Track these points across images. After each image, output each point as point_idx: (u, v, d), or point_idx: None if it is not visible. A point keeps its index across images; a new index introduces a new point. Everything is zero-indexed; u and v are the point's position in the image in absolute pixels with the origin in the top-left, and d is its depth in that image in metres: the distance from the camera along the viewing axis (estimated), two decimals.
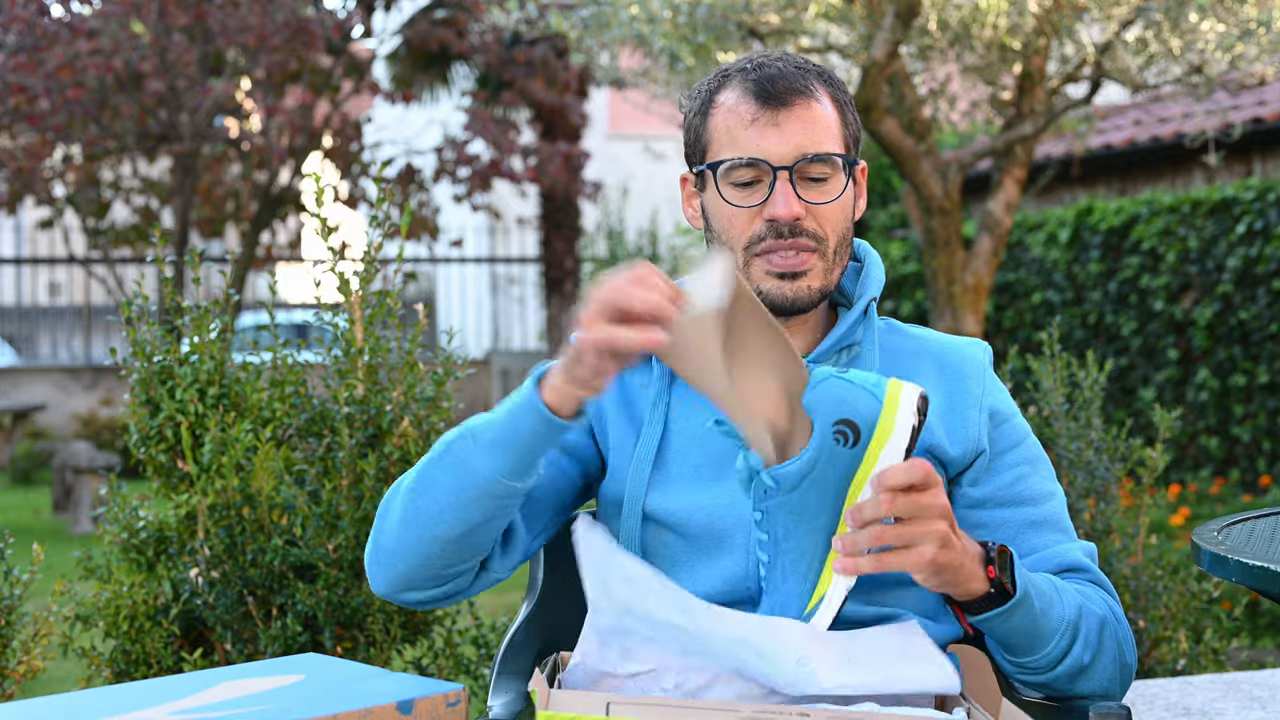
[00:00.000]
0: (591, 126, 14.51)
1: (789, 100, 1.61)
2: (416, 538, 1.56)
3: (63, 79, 8.96)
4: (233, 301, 2.83)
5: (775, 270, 1.63)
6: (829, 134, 1.63)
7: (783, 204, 1.60)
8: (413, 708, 1.31)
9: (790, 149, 1.61)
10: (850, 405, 1.41)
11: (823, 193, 1.63)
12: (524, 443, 1.49)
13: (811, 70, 1.65)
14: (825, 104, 1.64)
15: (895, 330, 1.74)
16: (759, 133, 1.61)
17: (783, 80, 1.62)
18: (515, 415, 1.49)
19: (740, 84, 1.64)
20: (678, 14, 5.37)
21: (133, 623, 2.67)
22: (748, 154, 1.61)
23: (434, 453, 1.56)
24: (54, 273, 22.07)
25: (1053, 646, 1.55)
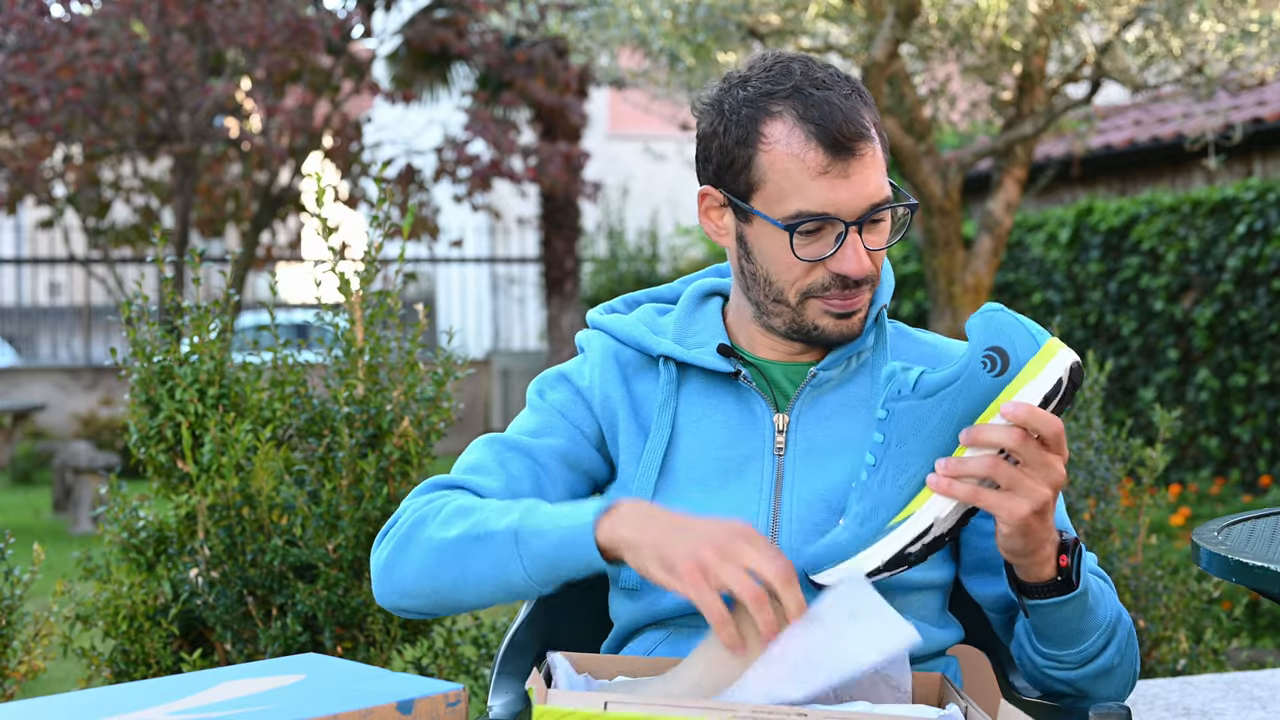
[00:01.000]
0: (591, 126, 14.51)
1: (856, 148, 1.55)
2: (433, 590, 1.56)
3: (63, 79, 8.96)
4: (233, 301, 2.83)
5: (834, 311, 1.61)
6: (884, 172, 1.60)
7: (854, 261, 1.57)
8: (413, 708, 1.31)
9: (861, 201, 1.56)
10: (1007, 336, 1.42)
11: (880, 236, 1.61)
12: (563, 568, 1.49)
13: (855, 92, 1.59)
14: (876, 138, 1.59)
15: (905, 335, 1.75)
16: (829, 185, 1.55)
17: (849, 124, 1.55)
18: (567, 541, 1.47)
19: (800, 124, 1.56)
20: (678, 14, 5.37)
21: (132, 623, 2.67)
22: (818, 208, 1.56)
23: (474, 530, 1.53)
24: (54, 273, 22.07)
25: (1090, 644, 1.55)
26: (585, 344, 1.75)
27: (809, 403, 1.65)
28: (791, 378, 1.68)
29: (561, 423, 1.69)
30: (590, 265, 14.92)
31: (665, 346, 1.69)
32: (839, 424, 1.64)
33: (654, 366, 1.71)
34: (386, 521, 1.66)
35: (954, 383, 1.43)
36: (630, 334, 1.72)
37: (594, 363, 1.72)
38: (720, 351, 1.67)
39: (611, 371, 1.71)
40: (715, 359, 1.67)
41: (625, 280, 14.36)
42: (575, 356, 1.77)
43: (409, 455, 2.74)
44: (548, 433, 1.69)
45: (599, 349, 1.73)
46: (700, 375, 1.69)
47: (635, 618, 1.67)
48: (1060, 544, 1.50)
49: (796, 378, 1.68)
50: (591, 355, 1.73)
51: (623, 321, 1.74)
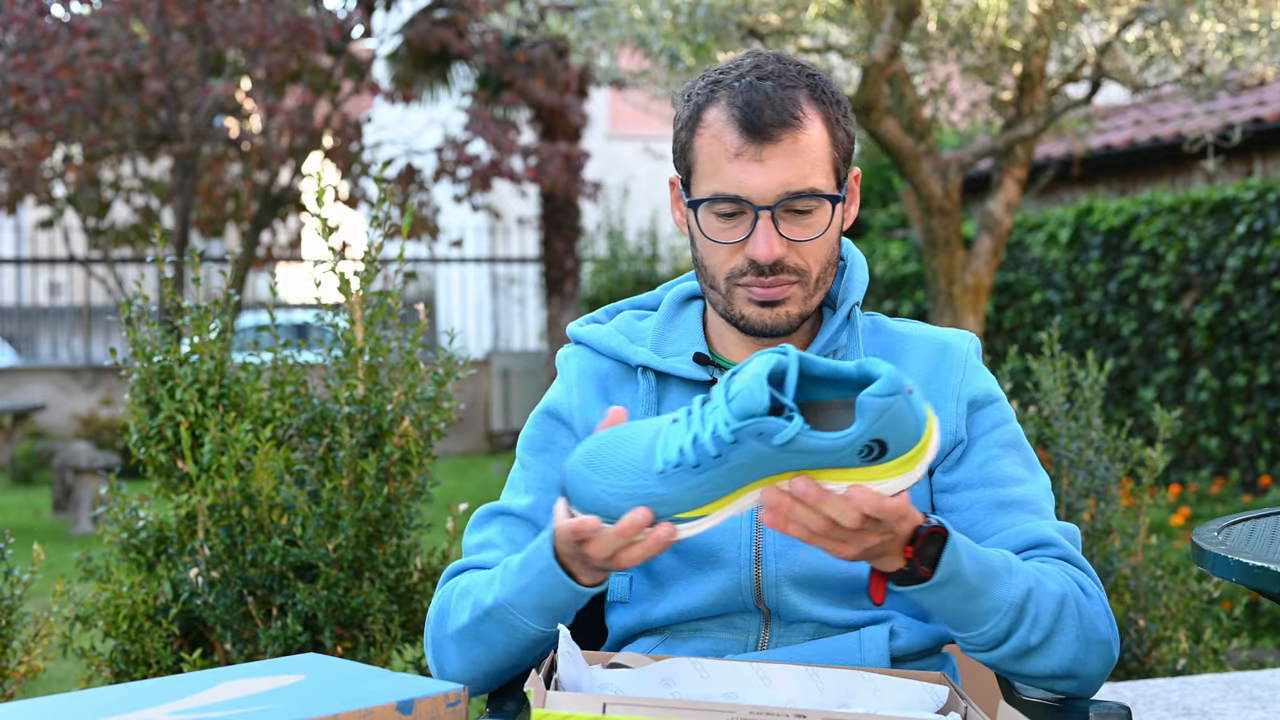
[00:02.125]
0: (591, 127, 14.51)
1: (775, 135, 1.56)
2: (483, 671, 1.61)
3: (62, 79, 8.96)
4: (233, 301, 2.83)
5: (755, 299, 1.62)
6: (816, 165, 1.58)
7: (764, 246, 1.58)
8: (413, 708, 1.31)
9: (774, 187, 1.57)
10: (895, 430, 1.33)
11: (807, 228, 1.60)
12: (565, 607, 1.53)
13: (803, 86, 1.60)
14: (814, 129, 1.58)
15: (881, 329, 1.73)
16: (743, 169, 1.57)
17: (770, 109, 1.56)
18: (551, 591, 1.51)
19: (728, 107, 1.59)
20: (678, 14, 5.37)
21: (132, 623, 2.67)
22: (730, 190, 1.58)
23: (475, 609, 1.58)
24: (54, 273, 22.07)
25: (991, 626, 1.49)
26: (562, 366, 1.76)
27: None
28: None
29: (550, 471, 1.70)
30: (590, 265, 14.92)
31: (643, 356, 1.69)
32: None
33: (634, 376, 1.71)
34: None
35: (824, 454, 1.33)
36: (608, 345, 1.72)
37: (570, 385, 1.73)
38: (697, 359, 1.67)
39: (590, 391, 1.71)
40: (691, 367, 1.67)
41: (625, 280, 14.36)
42: (556, 379, 1.78)
43: (409, 455, 2.74)
44: (540, 489, 1.70)
45: (575, 371, 1.73)
46: (680, 383, 1.69)
47: (628, 625, 1.68)
48: (914, 531, 1.43)
49: None
50: (568, 378, 1.74)
51: (601, 333, 1.74)
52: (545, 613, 1.53)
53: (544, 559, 1.49)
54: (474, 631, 1.58)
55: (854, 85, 6.17)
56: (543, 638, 1.55)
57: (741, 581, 1.61)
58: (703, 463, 1.34)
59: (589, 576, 1.49)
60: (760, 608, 1.62)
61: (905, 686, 1.50)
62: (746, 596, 1.61)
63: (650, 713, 1.35)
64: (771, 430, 1.31)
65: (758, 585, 1.61)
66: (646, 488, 1.36)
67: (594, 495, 1.38)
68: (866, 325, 1.72)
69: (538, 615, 1.53)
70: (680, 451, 1.35)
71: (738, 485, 1.36)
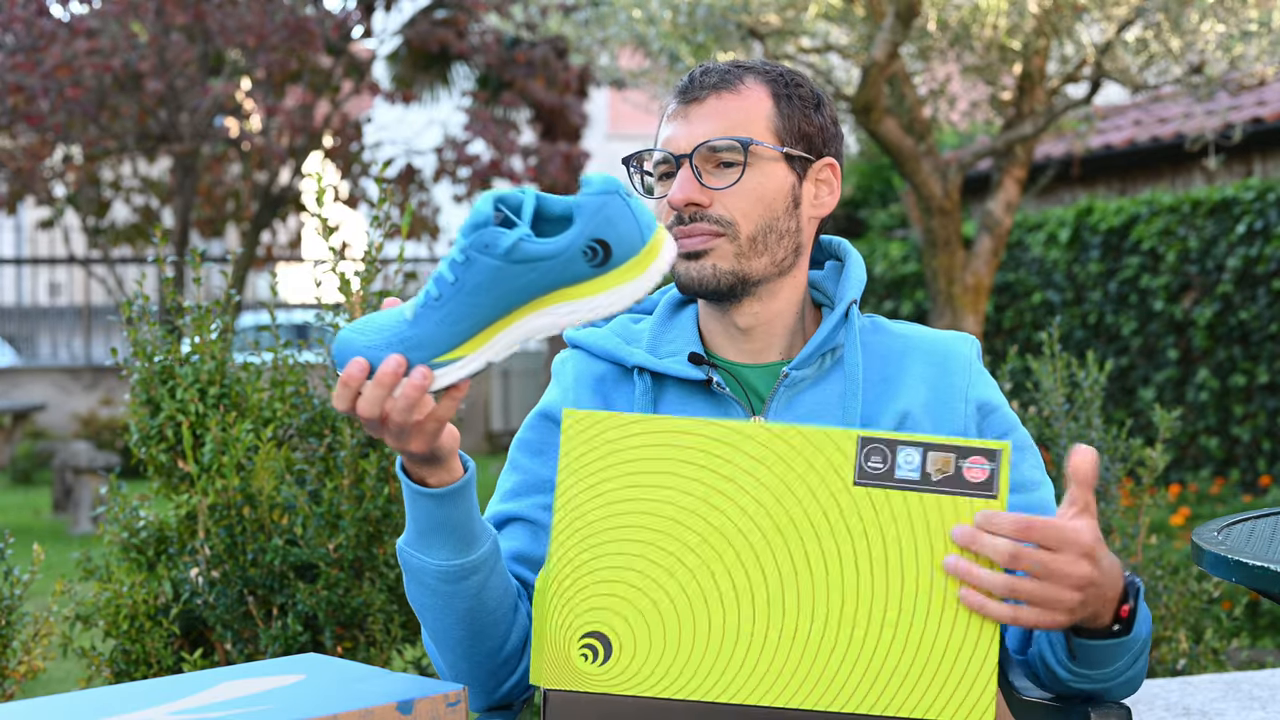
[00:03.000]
0: (591, 126, 14.51)
1: (703, 94, 1.65)
2: (455, 657, 1.57)
3: (61, 79, 8.96)
4: (233, 301, 2.83)
5: (681, 251, 1.65)
6: (746, 123, 1.64)
7: (677, 190, 1.63)
8: (413, 708, 1.31)
9: (694, 137, 1.63)
10: (615, 229, 1.34)
11: (725, 178, 1.63)
12: (433, 523, 1.48)
13: (754, 68, 1.67)
14: (752, 95, 1.64)
15: (880, 329, 1.73)
16: (672, 125, 1.66)
17: (706, 77, 1.66)
18: (412, 507, 1.49)
19: (677, 84, 1.71)
20: (677, 14, 5.37)
21: (133, 623, 2.67)
22: (658, 145, 1.67)
23: (405, 579, 1.58)
24: (54, 273, 22.06)
25: (1122, 664, 1.49)
26: (558, 369, 1.76)
27: (784, 404, 1.65)
28: (765, 379, 1.68)
29: (545, 472, 1.69)
30: None
31: (638, 358, 1.69)
32: (814, 423, 1.63)
33: (631, 378, 1.71)
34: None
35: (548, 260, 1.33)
36: (604, 347, 1.72)
37: (566, 388, 1.73)
38: (692, 359, 1.67)
39: (587, 393, 1.71)
40: (687, 368, 1.67)
41: None
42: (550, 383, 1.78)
43: None
44: (532, 490, 1.69)
45: (571, 374, 1.74)
46: (676, 384, 1.68)
47: None
48: (1123, 594, 1.41)
49: (770, 379, 1.68)
50: (564, 381, 1.74)
51: (596, 335, 1.74)
52: (424, 537, 1.49)
53: (399, 474, 1.50)
54: (414, 605, 1.56)
55: (854, 85, 6.17)
56: (447, 577, 1.49)
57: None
58: (444, 293, 1.34)
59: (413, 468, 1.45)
60: None
61: None
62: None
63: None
64: (494, 238, 1.32)
65: None
66: (400, 334, 1.36)
67: (356, 352, 1.37)
68: (865, 325, 1.72)
69: (421, 543, 1.49)
70: (425, 291, 1.36)
71: (484, 316, 1.35)
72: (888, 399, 1.66)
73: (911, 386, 1.66)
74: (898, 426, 1.64)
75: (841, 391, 1.65)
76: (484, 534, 1.51)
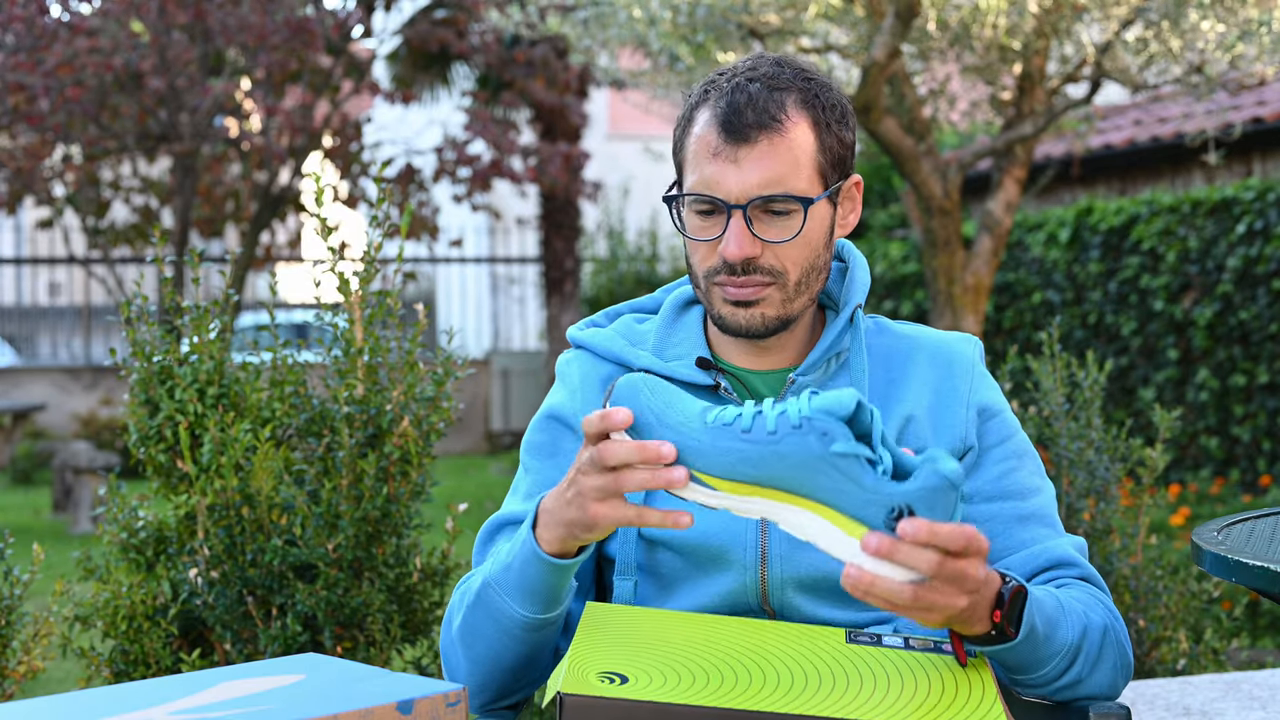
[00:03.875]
0: (591, 127, 14.50)
1: (752, 136, 1.57)
2: (486, 672, 1.59)
3: (62, 78, 8.96)
4: (233, 301, 2.82)
5: (730, 299, 1.62)
6: (796, 168, 1.59)
7: (734, 245, 1.59)
8: (413, 708, 1.31)
9: (747, 187, 1.58)
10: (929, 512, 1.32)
11: (782, 230, 1.60)
12: (543, 586, 1.51)
13: (795, 89, 1.60)
14: (798, 132, 1.59)
15: (885, 331, 1.73)
16: (719, 168, 1.58)
17: (752, 110, 1.57)
18: (526, 565, 1.49)
19: (713, 106, 1.61)
20: (677, 14, 5.37)
21: (132, 623, 2.67)
22: (706, 189, 1.59)
23: (469, 597, 1.58)
24: (54, 273, 22.06)
25: (1051, 669, 1.53)
26: (564, 371, 1.75)
27: None
28: (771, 385, 1.68)
29: (557, 474, 1.69)
30: (590, 265, 14.91)
31: (645, 360, 1.69)
32: None
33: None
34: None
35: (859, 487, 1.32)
36: (610, 349, 1.72)
37: (574, 388, 1.72)
38: (699, 364, 1.67)
39: (595, 394, 1.71)
40: (694, 372, 1.67)
41: (625, 280, 14.35)
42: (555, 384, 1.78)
43: (409, 455, 2.74)
44: (542, 493, 1.69)
45: (578, 375, 1.73)
46: (682, 388, 1.68)
47: None
48: (997, 595, 1.43)
49: (777, 384, 1.68)
50: (571, 381, 1.73)
51: (602, 336, 1.74)
52: (524, 592, 1.51)
53: (524, 529, 1.49)
54: (470, 624, 1.57)
55: (854, 85, 6.17)
56: (530, 626, 1.53)
57: (747, 583, 1.61)
58: (755, 432, 1.34)
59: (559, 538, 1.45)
60: (766, 609, 1.62)
61: None
62: (752, 599, 1.61)
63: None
64: (836, 435, 1.31)
65: (763, 587, 1.61)
66: (687, 428, 1.36)
67: (640, 407, 1.37)
68: (870, 327, 1.73)
69: (518, 594, 1.51)
70: (739, 416, 1.35)
71: (768, 478, 1.34)
72: (892, 402, 1.66)
73: (915, 389, 1.67)
74: (901, 431, 1.65)
75: None
76: (569, 592, 1.55)
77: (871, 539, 1.32)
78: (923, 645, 1.48)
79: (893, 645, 1.48)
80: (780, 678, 1.39)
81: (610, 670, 1.38)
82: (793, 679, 1.39)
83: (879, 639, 1.49)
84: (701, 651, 1.43)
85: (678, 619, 1.52)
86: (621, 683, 1.36)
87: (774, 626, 1.51)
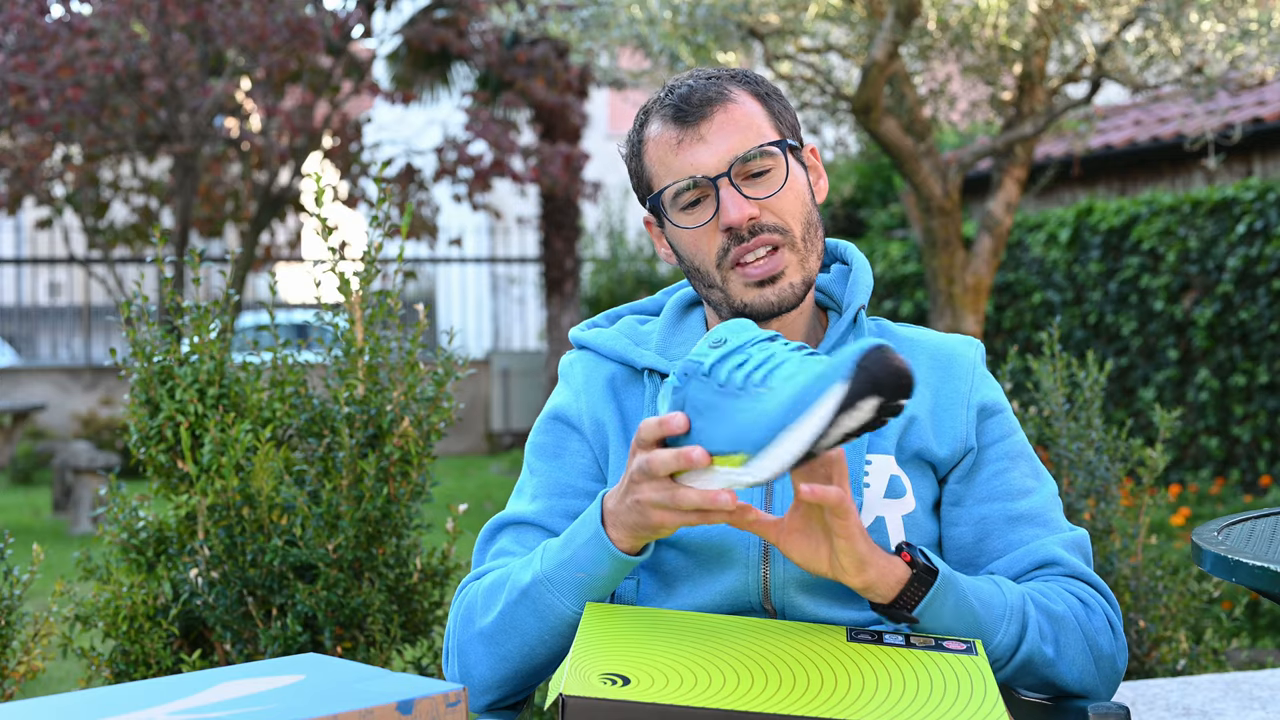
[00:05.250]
0: (592, 127, 14.51)
1: (705, 111, 1.62)
2: (512, 669, 1.60)
3: (62, 79, 8.96)
4: (233, 301, 2.82)
5: (753, 280, 1.63)
6: (756, 129, 1.63)
7: (733, 209, 1.60)
8: (413, 708, 1.31)
9: (721, 155, 1.61)
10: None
11: (769, 184, 1.63)
12: (607, 582, 1.53)
13: (724, 75, 1.66)
14: (745, 102, 1.64)
15: (886, 333, 1.74)
16: (688, 151, 1.62)
17: (695, 94, 1.63)
18: (597, 563, 1.51)
19: (659, 113, 1.65)
20: (678, 14, 5.37)
21: (132, 623, 2.67)
22: (683, 174, 1.62)
23: (511, 594, 1.58)
24: (54, 273, 22.07)
25: (1002, 634, 1.55)
26: (567, 372, 1.76)
27: None
28: None
29: (562, 475, 1.70)
30: (590, 265, 14.92)
31: (649, 359, 1.69)
32: None
33: (640, 379, 1.71)
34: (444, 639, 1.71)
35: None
36: (614, 348, 1.72)
37: (578, 389, 1.73)
38: None
39: (598, 393, 1.71)
40: None
41: (625, 280, 14.36)
42: (558, 385, 1.78)
43: (409, 455, 2.74)
44: (551, 494, 1.70)
45: (581, 374, 1.73)
46: None
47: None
48: (896, 549, 1.53)
49: None
50: (575, 382, 1.74)
51: (605, 336, 1.74)
52: (582, 589, 1.52)
53: (591, 527, 1.50)
54: (507, 620, 1.57)
55: (854, 85, 6.17)
56: (574, 622, 1.54)
57: (749, 582, 1.61)
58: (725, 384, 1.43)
59: (628, 537, 1.48)
60: (767, 608, 1.62)
61: None
62: (754, 597, 1.62)
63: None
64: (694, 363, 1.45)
65: (765, 586, 1.61)
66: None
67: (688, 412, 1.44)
68: (872, 329, 1.73)
69: (574, 591, 1.53)
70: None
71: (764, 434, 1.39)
72: None
73: (918, 391, 1.67)
74: (904, 429, 1.65)
75: None
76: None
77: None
78: (924, 644, 1.49)
79: (894, 644, 1.48)
80: (782, 678, 1.40)
81: (612, 672, 1.38)
82: (794, 680, 1.40)
83: (880, 637, 1.49)
84: (703, 652, 1.44)
85: (679, 619, 1.52)
86: (624, 684, 1.36)
87: (775, 626, 1.52)
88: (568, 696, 1.34)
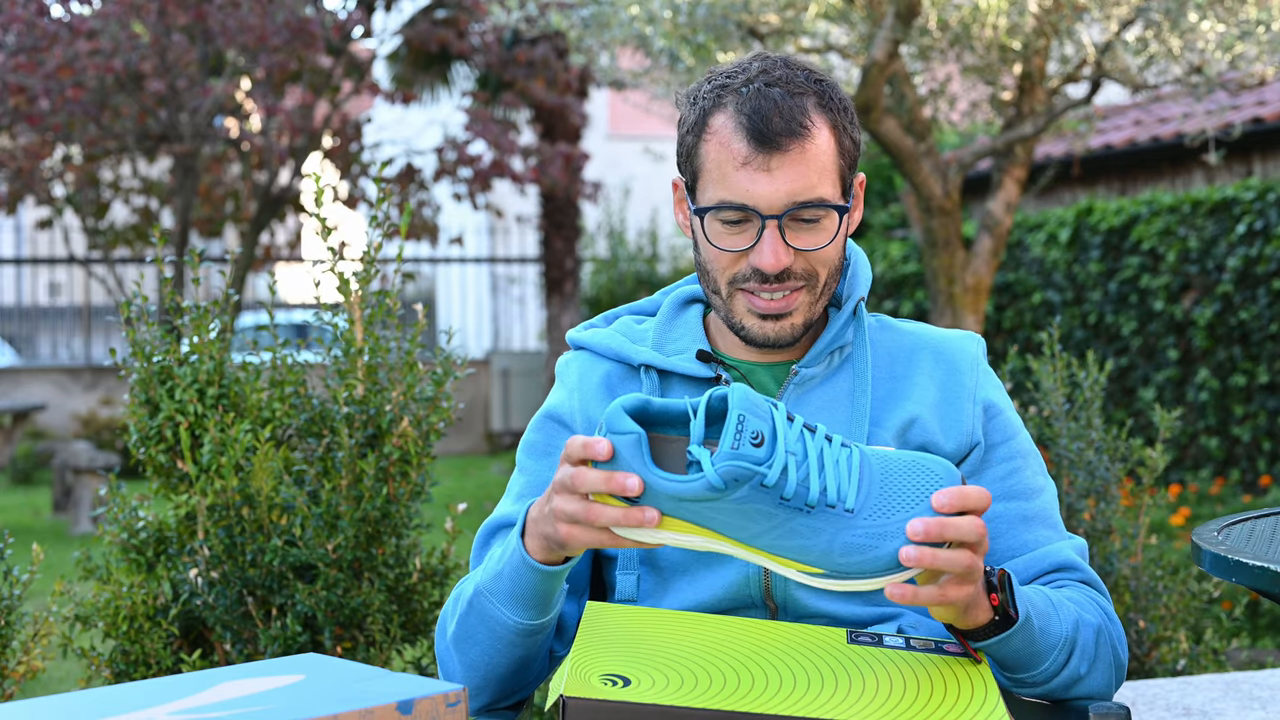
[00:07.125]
0: (591, 127, 14.50)
1: (782, 144, 1.55)
2: (482, 676, 1.60)
3: (62, 79, 8.96)
4: (232, 301, 2.82)
5: (758, 311, 1.62)
6: (823, 174, 1.57)
7: (770, 255, 1.58)
8: (413, 708, 1.31)
9: (781, 197, 1.56)
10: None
11: (815, 237, 1.60)
12: (533, 592, 1.51)
13: (811, 93, 1.58)
14: (822, 137, 1.57)
15: (888, 327, 1.74)
16: (749, 177, 1.56)
17: (779, 117, 1.55)
18: (516, 572, 1.50)
19: (735, 114, 1.57)
20: (678, 14, 5.37)
21: (132, 623, 2.67)
22: (737, 198, 1.57)
23: (462, 604, 1.58)
24: (54, 273, 22.06)
25: (1050, 663, 1.53)
26: (563, 371, 1.75)
27: (793, 402, 1.65)
28: (775, 378, 1.68)
29: (548, 472, 1.70)
30: (590, 265, 14.91)
31: (645, 355, 1.69)
32: (824, 421, 1.63)
33: (637, 376, 1.70)
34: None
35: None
36: (610, 346, 1.72)
37: (572, 387, 1.72)
38: (700, 357, 1.67)
39: (592, 391, 1.71)
40: (695, 365, 1.67)
41: (625, 280, 14.35)
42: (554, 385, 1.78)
43: (408, 455, 2.74)
44: (534, 493, 1.70)
45: (576, 374, 1.73)
46: (682, 382, 1.68)
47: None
48: (987, 584, 1.45)
49: (779, 377, 1.68)
50: (569, 381, 1.73)
51: (601, 335, 1.74)
52: (515, 598, 1.51)
53: (515, 537, 1.50)
54: (464, 629, 1.58)
55: (854, 85, 6.17)
56: (523, 632, 1.53)
57: (750, 577, 1.61)
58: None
59: (541, 549, 1.46)
60: (768, 603, 1.62)
61: None
62: (754, 591, 1.61)
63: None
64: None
65: (766, 581, 1.61)
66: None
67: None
68: (872, 323, 1.73)
69: (509, 601, 1.52)
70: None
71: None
72: (896, 400, 1.66)
73: (921, 386, 1.67)
74: (903, 430, 1.64)
75: (850, 389, 1.66)
76: (560, 597, 1.55)
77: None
78: (924, 645, 1.49)
79: (894, 645, 1.48)
80: (783, 679, 1.40)
81: (613, 672, 1.38)
82: (794, 680, 1.40)
83: (880, 639, 1.49)
84: (704, 653, 1.44)
85: (679, 619, 1.52)
86: (624, 685, 1.36)
87: (776, 627, 1.52)
88: (568, 697, 1.34)
